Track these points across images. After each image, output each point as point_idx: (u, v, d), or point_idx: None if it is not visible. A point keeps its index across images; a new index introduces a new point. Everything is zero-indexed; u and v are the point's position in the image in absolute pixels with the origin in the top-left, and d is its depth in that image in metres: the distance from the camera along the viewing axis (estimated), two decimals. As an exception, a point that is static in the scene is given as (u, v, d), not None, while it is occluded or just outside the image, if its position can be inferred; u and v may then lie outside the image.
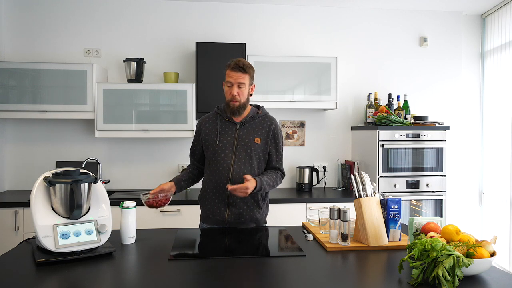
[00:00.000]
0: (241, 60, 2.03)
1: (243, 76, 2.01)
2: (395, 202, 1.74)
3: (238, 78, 2.01)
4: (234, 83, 2.02)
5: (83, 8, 3.56)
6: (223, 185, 2.03)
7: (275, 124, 2.14)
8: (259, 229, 2.07)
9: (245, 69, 2.01)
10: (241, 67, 2.00)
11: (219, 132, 2.08)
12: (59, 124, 3.54)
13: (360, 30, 3.81)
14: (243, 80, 2.02)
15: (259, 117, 2.13)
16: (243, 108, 2.07)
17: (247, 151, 2.05)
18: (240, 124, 2.09)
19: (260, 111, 2.16)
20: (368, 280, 1.40)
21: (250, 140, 2.06)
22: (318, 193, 3.45)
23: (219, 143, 2.06)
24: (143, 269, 1.47)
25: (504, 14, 3.61)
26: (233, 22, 3.69)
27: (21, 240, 2.84)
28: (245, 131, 2.08)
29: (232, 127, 2.09)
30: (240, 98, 2.03)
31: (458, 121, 3.88)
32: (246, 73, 2.02)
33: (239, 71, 2.00)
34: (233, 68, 2.01)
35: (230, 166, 2.04)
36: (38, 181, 1.59)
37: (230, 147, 2.06)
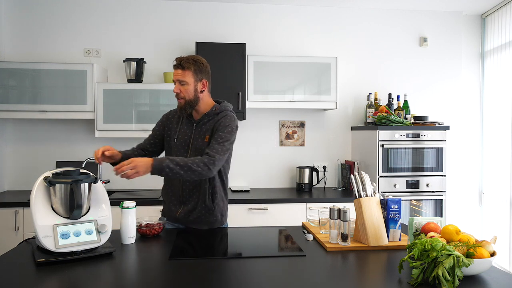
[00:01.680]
0: (183, 57, 1.98)
1: (182, 73, 1.96)
2: (395, 202, 1.74)
3: (177, 75, 1.96)
4: (175, 80, 1.98)
5: (83, 8, 3.56)
6: (177, 183, 2.03)
7: (224, 117, 2.00)
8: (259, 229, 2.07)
9: (184, 66, 1.95)
10: (179, 64, 1.96)
11: (179, 130, 2.06)
12: (59, 124, 3.54)
13: (360, 30, 3.81)
14: (183, 78, 1.95)
15: (214, 114, 2.02)
16: (191, 106, 1.99)
17: (198, 151, 1.98)
18: (196, 123, 2.03)
19: (217, 107, 2.04)
20: (368, 280, 1.40)
21: (202, 139, 2.00)
22: (318, 193, 3.45)
23: (176, 141, 2.04)
24: (143, 269, 1.47)
25: (504, 14, 3.61)
26: (233, 22, 3.69)
27: (21, 240, 2.84)
28: (199, 130, 2.02)
29: (190, 126, 2.05)
30: (185, 96, 1.97)
31: (458, 121, 3.88)
32: (186, 69, 1.95)
33: (178, 68, 1.97)
34: (174, 65, 1.98)
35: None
36: (38, 181, 1.59)
37: (185, 146, 2.02)
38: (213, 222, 2.06)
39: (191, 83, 1.97)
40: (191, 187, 2.02)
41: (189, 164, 1.79)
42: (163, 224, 1.91)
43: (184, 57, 1.99)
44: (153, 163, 1.75)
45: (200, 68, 2.00)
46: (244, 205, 3.12)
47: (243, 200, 3.12)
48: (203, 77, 2.02)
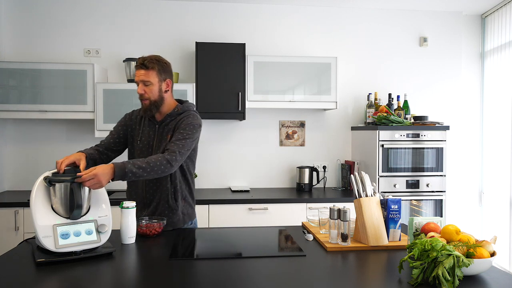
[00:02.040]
0: (146, 57, 1.93)
1: (146, 73, 1.91)
2: (395, 202, 1.74)
3: (141, 75, 1.92)
4: (138, 81, 1.94)
5: (83, 8, 3.56)
6: (140, 186, 2.02)
7: (186, 116, 1.98)
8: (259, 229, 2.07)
9: (147, 66, 1.91)
10: (142, 64, 1.91)
11: (141, 131, 2.03)
12: (59, 124, 3.54)
13: (360, 30, 3.81)
14: (147, 78, 1.91)
15: (176, 114, 2.00)
16: (156, 107, 1.96)
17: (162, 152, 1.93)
18: (159, 124, 2.01)
19: (180, 107, 2.02)
20: (368, 280, 1.40)
21: (165, 140, 1.96)
22: (318, 193, 3.45)
23: (139, 143, 2.02)
24: (143, 269, 1.47)
25: (504, 14, 3.61)
26: (233, 22, 3.69)
27: (21, 240, 2.84)
28: (162, 131, 2.00)
29: (153, 127, 2.02)
30: (149, 96, 1.93)
31: (458, 121, 3.88)
32: (149, 69, 1.91)
33: (141, 68, 1.92)
34: (136, 66, 1.94)
35: None
36: (38, 181, 1.59)
37: (149, 148, 2.00)
38: (176, 222, 2.03)
39: (155, 83, 1.94)
40: (154, 187, 2.00)
41: (151, 164, 1.76)
42: (163, 224, 1.91)
43: (146, 56, 1.94)
44: (115, 170, 1.68)
45: (164, 67, 1.97)
46: (244, 205, 3.12)
47: (243, 200, 3.12)
48: (167, 77, 1.99)
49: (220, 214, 3.09)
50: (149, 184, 2.01)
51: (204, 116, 3.34)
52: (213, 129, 3.68)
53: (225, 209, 3.10)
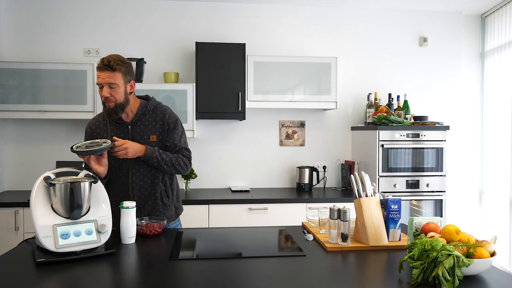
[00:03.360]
0: (110, 57, 1.84)
1: (112, 75, 1.82)
2: (395, 202, 1.74)
3: (107, 78, 1.82)
4: (103, 83, 1.83)
5: (83, 8, 3.56)
6: (124, 191, 1.98)
7: (169, 113, 2.01)
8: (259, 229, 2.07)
9: (113, 67, 1.82)
10: (108, 65, 1.81)
11: (110, 136, 1.94)
12: (59, 124, 3.54)
13: (360, 30, 3.81)
14: (113, 80, 1.83)
15: (149, 111, 1.98)
16: (121, 109, 1.90)
17: None
18: (131, 124, 1.96)
19: (150, 104, 1.99)
20: (368, 280, 1.40)
21: (146, 140, 1.95)
22: (318, 193, 3.45)
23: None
24: (143, 269, 1.47)
25: (504, 14, 3.61)
26: (233, 22, 3.69)
27: (21, 240, 2.84)
28: (138, 131, 1.96)
29: (124, 129, 1.96)
30: (116, 99, 1.86)
31: (458, 121, 3.88)
32: (115, 71, 1.83)
33: (106, 70, 1.82)
34: (100, 67, 1.83)
35: (128, 170, 1.96)
36: (38, 181, 1.59)
37: None
38: (170, 217, 2.06)
39: (121, 85, 1.86)
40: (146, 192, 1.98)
41: (173, 161, 1.94)
42: (163, 224, 1.91)
43: (110, 57, 1.84)
44: (146, 151, 1.87)
45: (128, 69, 1.90)
46: (244, 205, 3.12)
47: (243, 200, 3.12)
48: (131, 78, 1.93)
49: (220, 214, 3.09)
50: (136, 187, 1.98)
51: (204, 116, 3.35)
52: (213, 129, 3.68)
53: (225, 209, 3.10)
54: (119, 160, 1.94)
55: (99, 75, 1.84)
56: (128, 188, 1.99)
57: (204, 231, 2.05)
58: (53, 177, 1.62)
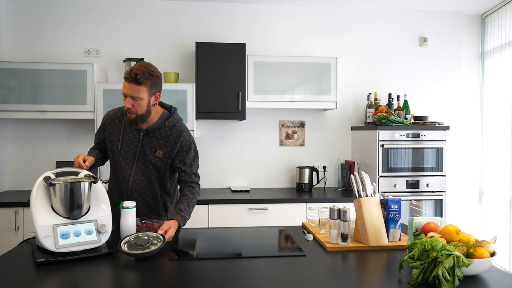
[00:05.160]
0: (139, 69, 1.78)
1: (137, 88, 1.78)
2: (395, 202, 1.74)
3: (131, 90, 1.78)
4: (127, 95, 1.80)
5: (83, 8, 3.56)
6: (124, 193, 1.99)
7: (184, 135, 1.97)
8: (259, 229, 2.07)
9: (139, 81, 1.77)
10: (134, 79, 1.76)
11: (122, 136, 1.95)
12: (59, 124, 3.54)
13: (360, 30, 3.81)
14: (138, 94, 1.79)
15: (165, 127, 1.94)
16: (142, 120, 1.87)
17: (146, 164, 1.94)
18: (144, 132, 1.93)
19: (169, 120, 1.95)
20: (368, 280, 1.40)
21: (152, 153, 1.93)
22: (318, 193, 3.45)
23: (121, 150, 1.95)
24: (143, 269, 1.47)
25: (504, 14, 3.61)
26: (233, 22, 3.69)
27: (21, 240, 2.84)
28: (148, 141, 1.93)
29: (136, 134, 1.94)
30: (137, 111, 1.83)
31: (458, 121, 3.88)
32: (141, 85, 1.78)
33: (132, 83, 1.77)
34: (127, 78, 1.78)
35: (130, 176, 1.96)
36: (38, 181, 1.59)
37: (132, 156, 1.95)
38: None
39: (145, 98, 1.82)
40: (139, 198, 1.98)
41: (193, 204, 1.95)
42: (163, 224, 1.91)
43: (138, 69, 1.78)
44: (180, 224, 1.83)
45: (155, 82, 1.84)
46: (244, 205, 3.12)
47: (243, 200, 3.12)
48: (157, 91, 1.88)
49: (220, 214, 3.09)
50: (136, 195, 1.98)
51: (204, 116, 3.35)
52: (213, 129, 3.68)
53: (225, 209, 3.10)
54: (121, 167, 1.97)
55: (125, 85, 1.80)
56: (128, 184, 1.98)
57: (204, 231, 2.05)
58: (53, 177, 1.62)
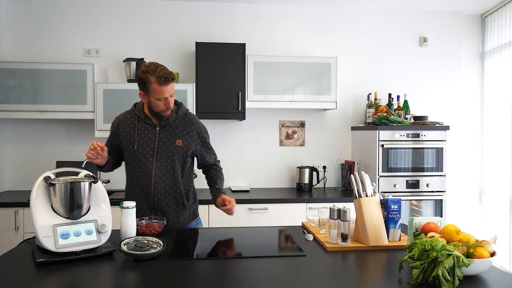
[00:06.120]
0: (164, 70, 1.89)
1: (172, 86, 1.93)
2: (395, 202, 1.74)
3: (170, 90, 1.91)
4: (168, 95, 1.91)
5: (83, 8, 3.56)
6: (146, 190, 2.02)
7: (197, 122, 2.11)
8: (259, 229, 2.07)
9: (173, 78, 1.93)
10: (169, 78, 1.89)
11: (137, 135, 2.01)
12: (59, 124, 3.54)
13: (360, 30, 3.81)
14: (173, 90, 1.94)
15: (179, 117, 2.06)
16: (172, 114, 2.02)
17: (168, 154, 2.01)
18: (160, 127, 2.02)
19: (180, 110, 2.07)
20: (368, 280, 1.40)
21: (172, 143, 2.01)
22: (318, 193, 3.45)
23: (138, 147, 2.00)
24: (143, 269, 1.47)
25: (504, 14, 3.61)
26: (233, 22, 3.69)
27: (21, 240, 2.84)
28: (166, 134, 2.02)
29: (152, 130, 2.02)
30: (171, 106, 1.97)
31: (458, 121, 3.88)
32: (172, 81, 1.93)
33: (169, 83, 1.90)
34: (163, 82, 1.87)
35: (152, 171, 2.01)
36: (38, 181, 1.59)
37: (150, 151, 2.00)
38: (187, 218, 2.12)
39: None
40: (163, 191, 2.03)
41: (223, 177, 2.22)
42: (163, 224, 1.91)
43: (164, 70, 1.89)
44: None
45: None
46: (244, 205, 3.12)
47: (243, 200, 3.12)
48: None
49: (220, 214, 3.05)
50: (158, 188, 2.02)
51: (204, 116, 3.34)
52: (213, 129, 3.68)
53: (225, 209, 3.09)
54: (141, 163, 2.01)
55: (164, 90, 1.88)
56: (150, 179, 2.01)
57: (204, 231, 2.05)
58: (53, 177, 1.62)
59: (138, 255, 1.52)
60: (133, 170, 2.04)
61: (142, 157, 2.00)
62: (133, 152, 2.02)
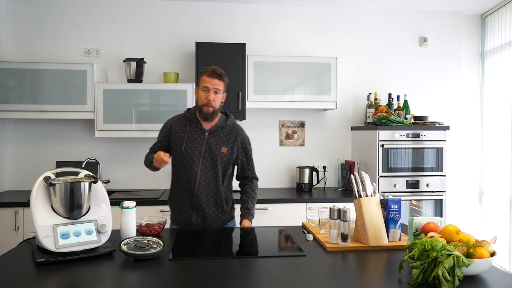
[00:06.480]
0: (218, 68, 2.11)
1: (219, 83, 2.08)
2: (395, 202, 1.74)
3: (215, 84, 2.06)
4: (211, 88, 2.06)
5: (83, 8, 3.56)
6: (190, 190, 2.11)
7: (242, 133, 2.23)
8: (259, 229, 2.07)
9: (222, 77, 2.09)
10: (218, 74, 2.07)
11: (187, 138, 2.12)
12: (59, 124, 3.54)
13: (360, 30, 3.81)
14: (219, 87, 2.08)
15: (227, 126, 2.18)
16: (216, 115, 2.12)
17: (213, 159, 2.11)
18: (209, 132, 2.13)
19: (228, 120, 2.20)
20: (368, 280, 1.40)
21: (217, 149, 2.12)
22: (318, 193, 3.45)
23: (186, 149, 2.10)
24: (143, 269, 1.47)
25: (504, 14, 3.61)
26: (233, 22, 3.69)
27: (21, 240, 2.84)
28: (213, 140, 2.13)
29: (201, 134, 2.13)
30: (215, 104, 2.08)
31: (458, 121, 3.88)
32: (222, 80, 2.09)
33: (216, 78, 2.07)
34: (211, 74, 2.06)
35: (197, 173, 2.10)
36: (38, 181, 1.59)
37: (198, 154, 2.10)
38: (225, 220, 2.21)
39: (222, 92, 2.11)
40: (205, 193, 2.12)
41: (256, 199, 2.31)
42: (163, 224, 1.91)
43: (218, 68, 2.10)
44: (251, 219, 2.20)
45: (227, 82, 2.15)
46: (244, 205, 3.11)
47: (243, 200, 3.11)
48: (225, 91, 2.17)
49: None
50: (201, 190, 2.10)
51: (204, 116, 3.34)
52: (213, 129, 3.67)
53: (225, 209, 3.09)
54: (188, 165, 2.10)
55: (209, 81, 2.06)
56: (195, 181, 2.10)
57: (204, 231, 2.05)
58: (53, 177, 1.62)
59: (138, 255, 1.52)
60: (181, 170, 2.13)
61: (190, 159, 2.10)
62: (181, 153, 2.11)
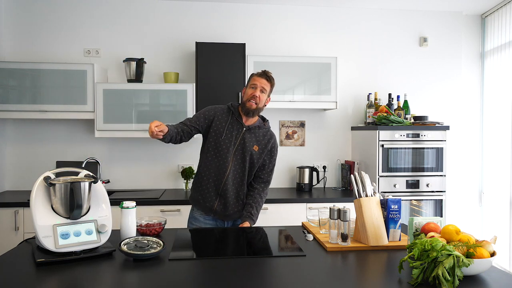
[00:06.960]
0: (269, 72, 2.26)
1: (267, 83, 2.23)
2: (395, 202, 1.74)
3: (263, 83, 2.21)
4: (258, 86, 2.20)
5: (83, 8, 3.56)
6: (219, 178, 2.21)
7: (275, 140, 2.34)
8: (258, 229, 2.08)
9: (270, 79, 2.24)
10: (268, 76, 2.24)
11: (227, 128, 2.22)
12: (59, 124, 3.54)
13: (360, 30, 3.81)
14: (266, 87, 2.22)
15: (264, 128, 2.31)
16: (257, 112, 2.24)
17: (243, 154, 2.22)
18: (247, 128, 2.24)
19: (266, 123, 2.34)
20: (368, 280, 1.40)
21: (250, 146, 2.23)
22: (318, 193, 3.45)
23: (224, 138, 2.20)
24: (143, 269, 1.47)
25: (504, 14, 3.61)
26: (233, 22, 3.69)
27: (21, 240, 2.84)
28: (249, 136, 2.24)
29: (239, 128, 2.24)
30: (259, 102, 2.20)
31: (458, 121, 3.88)
32: (270, 82, 2.24)
33: (265, 78, 2.22)
34: (261, 74, 2.23)
35: (229, 163, 2.21)
36: (38, 181, 1.59)
37: (232, 145, 2.21)
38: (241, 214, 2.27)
39: (267, 94, 2.25)
40: (231, 183, 2.22)
41: (262, 205, 2.31)
42: (163, 224, 1.91)
43: (269, 71, 2.25)
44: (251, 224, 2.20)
45: (273, 86, 2.28)
46: (244, 205, 3.11)
47: (243, 200, 3.12)
48: (270, 95, 2.30)
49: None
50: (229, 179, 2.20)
51: (204, 116, 3.34)
52: (213, 129, 3.68)
53: (225, 209, 3.09)
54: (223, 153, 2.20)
55: (258, 80, 2.21)
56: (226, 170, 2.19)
57: (204, 231, 2.05)
58: (53, 177, 1.62)
59: (138, 255, 1.52)
60: (214, 156, 2.22)
61: (226, 148, 2.20)
62: (219, 142, 2.20)
